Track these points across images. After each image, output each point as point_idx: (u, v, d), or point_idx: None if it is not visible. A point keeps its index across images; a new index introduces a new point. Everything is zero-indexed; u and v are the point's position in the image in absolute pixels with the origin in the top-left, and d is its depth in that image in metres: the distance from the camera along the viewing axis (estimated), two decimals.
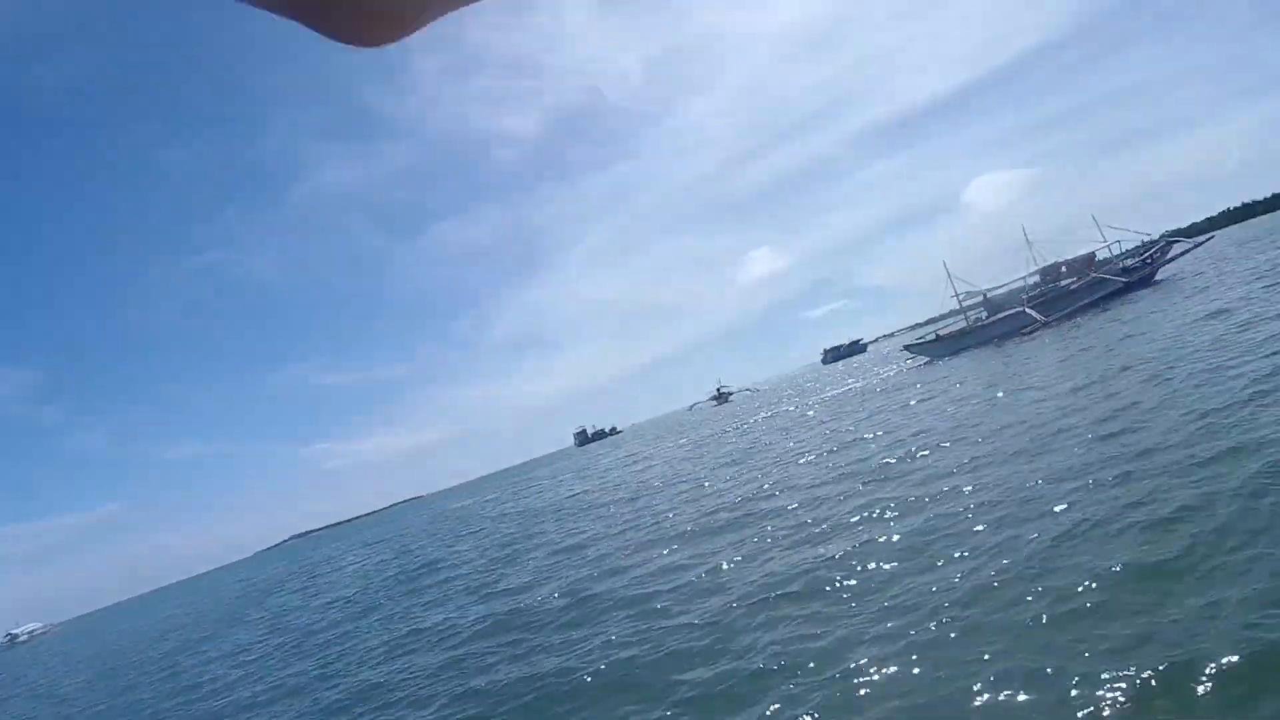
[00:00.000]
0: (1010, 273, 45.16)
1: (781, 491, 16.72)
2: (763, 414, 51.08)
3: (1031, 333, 37.78)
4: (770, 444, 28.07)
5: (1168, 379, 14.54)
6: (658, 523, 18.12)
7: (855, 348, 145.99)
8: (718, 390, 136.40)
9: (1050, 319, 38.55)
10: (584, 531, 20.85)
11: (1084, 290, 40.50)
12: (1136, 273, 40.37)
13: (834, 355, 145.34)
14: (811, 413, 37.22)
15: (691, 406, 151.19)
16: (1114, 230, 43.48)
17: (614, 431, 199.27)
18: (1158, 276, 41.30)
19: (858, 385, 47.33)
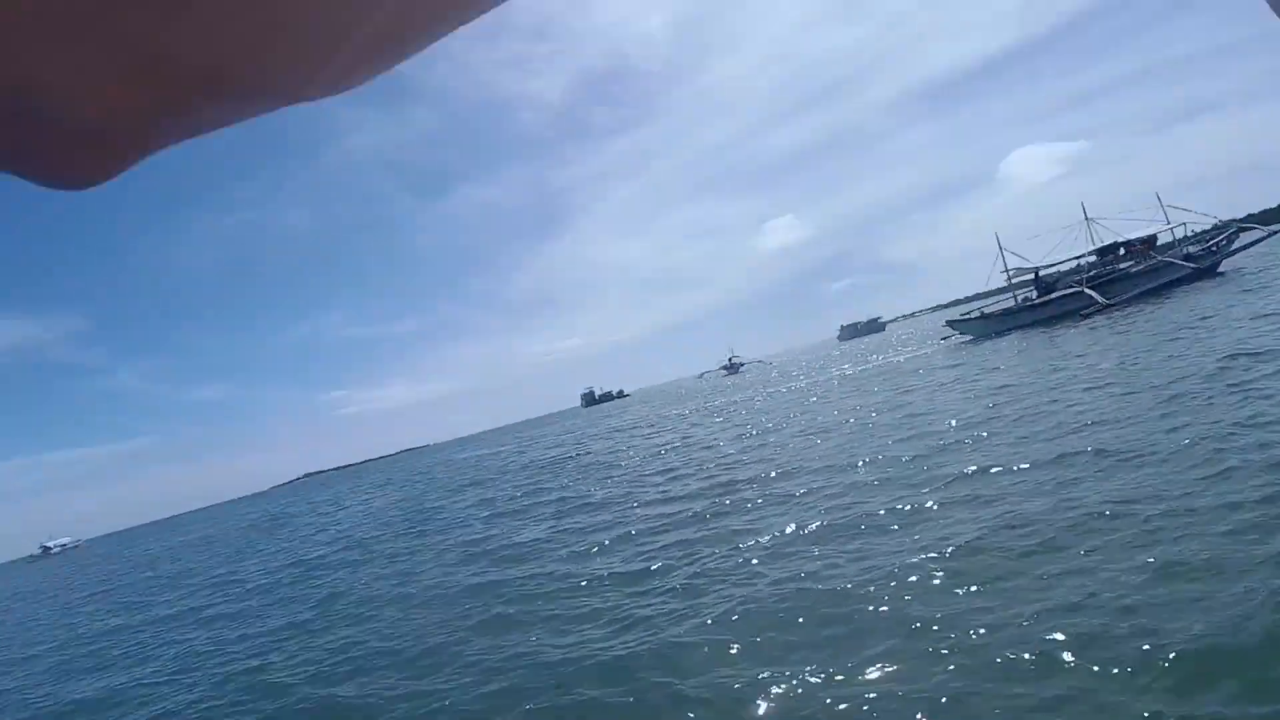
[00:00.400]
0: (1058, 252, 41.33)
1: (800, 471, 14.80)
2: (775, 387, 49.30)
3: (1089, 316, 34.35)
4: (786, 419, 25.89)
5: (1246, 389, 11.79)
6: (666, 490, 16.50)
7: (873, 325, 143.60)
8: (729, 360, 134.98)
9: (1112, 302, 35.32)
10: (590, 495, 19.26)
11: (1144, 275, 36.77)
12: (1201, 260, 36.45)
13: (851, 332, 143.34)
14: (831, 389, 34.96)
15: (702, 374, 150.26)
16: (1177, 211, 39.44)
17: (621, 395, 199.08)
18: (1221, 268, 37.24)
19: (882, 362, 45.05)
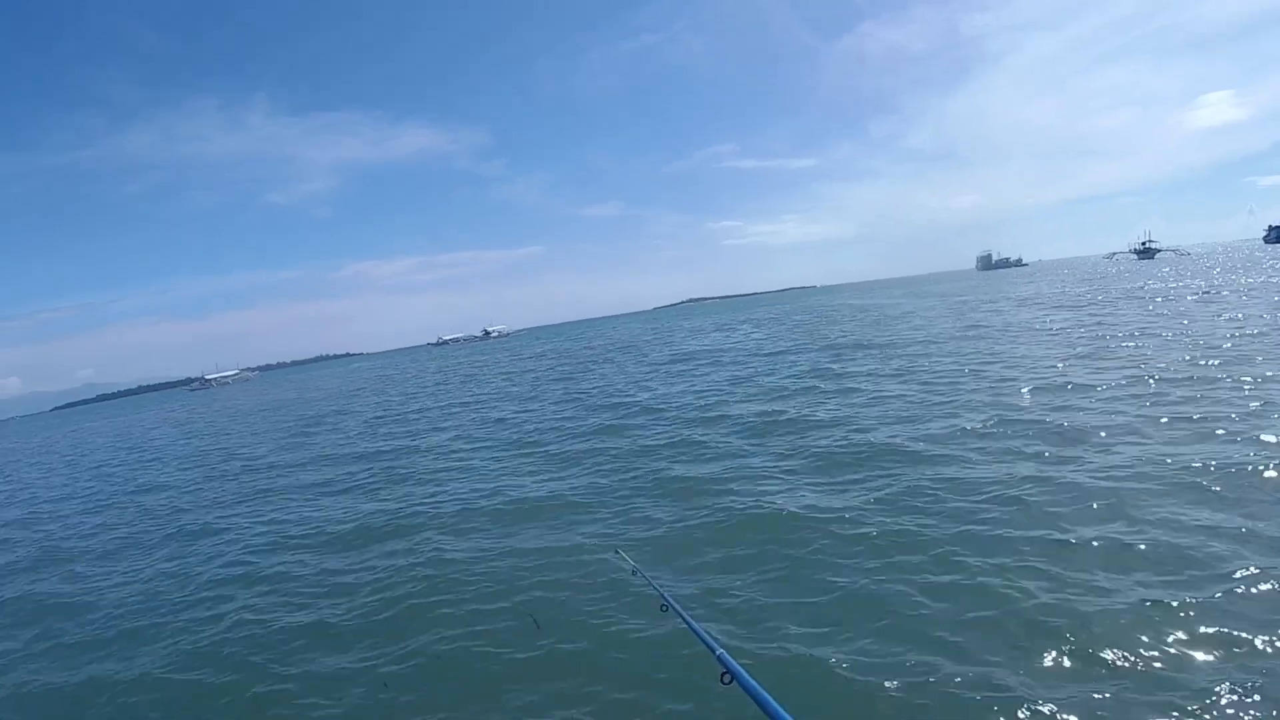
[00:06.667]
0: None
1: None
2: (1201, 281, 42.53)
3: None
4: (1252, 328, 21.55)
5: None
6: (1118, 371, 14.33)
7: None
8: (1143, 243, 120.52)
9: None
10: (1009, 362, 17.81)
11: None
12: None
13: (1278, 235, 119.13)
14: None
15: (1111, 255, 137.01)
16: None
17: (1019, 263, 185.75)
18: None
19: None
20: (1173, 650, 4.88)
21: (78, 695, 6.89)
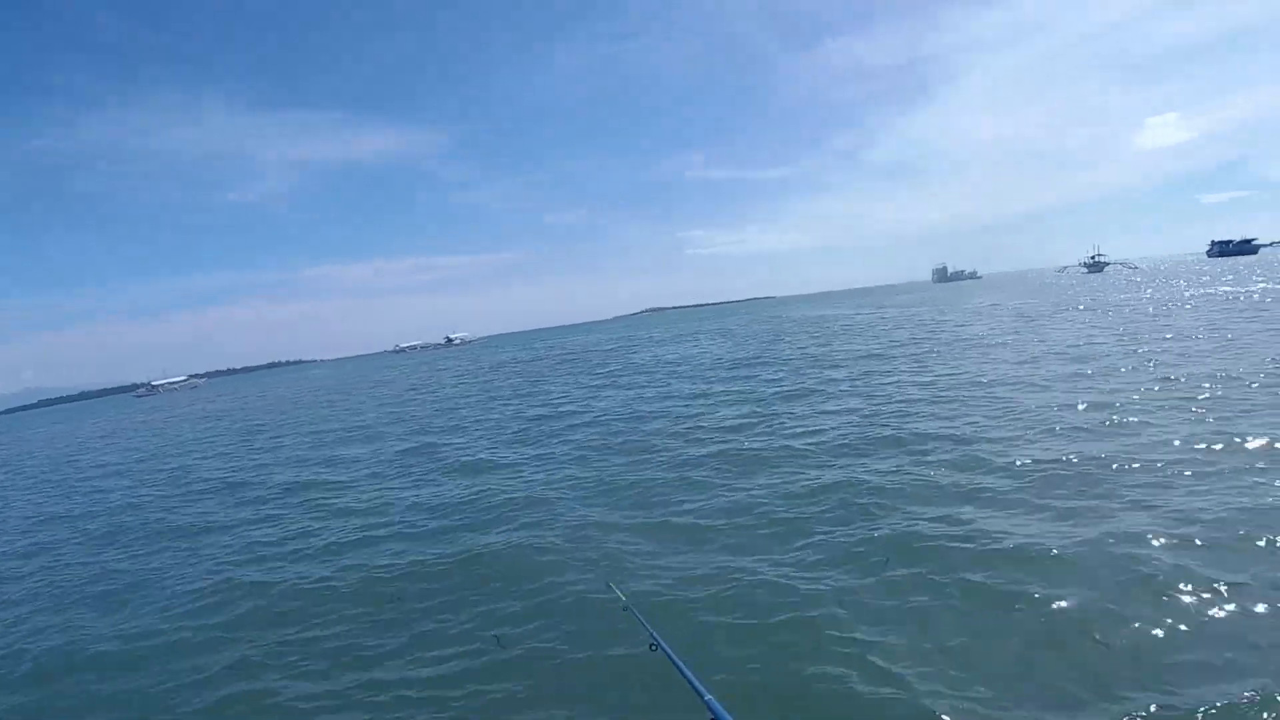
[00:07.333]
0: None
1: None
2: (1149, 292, 43.16)
3: None
4: (1199, 343, 21.09)
5: None
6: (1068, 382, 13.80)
7: (1245, 247, 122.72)
8: (1092, 257, 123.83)
9: None
10: (976, 372, 17.20)
11: None
12: None
13: (1221, 250, 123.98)
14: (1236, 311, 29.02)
15: (1063, 268, 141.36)
16: None
17: (974, 275, 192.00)
18: None
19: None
20: None
21: None
